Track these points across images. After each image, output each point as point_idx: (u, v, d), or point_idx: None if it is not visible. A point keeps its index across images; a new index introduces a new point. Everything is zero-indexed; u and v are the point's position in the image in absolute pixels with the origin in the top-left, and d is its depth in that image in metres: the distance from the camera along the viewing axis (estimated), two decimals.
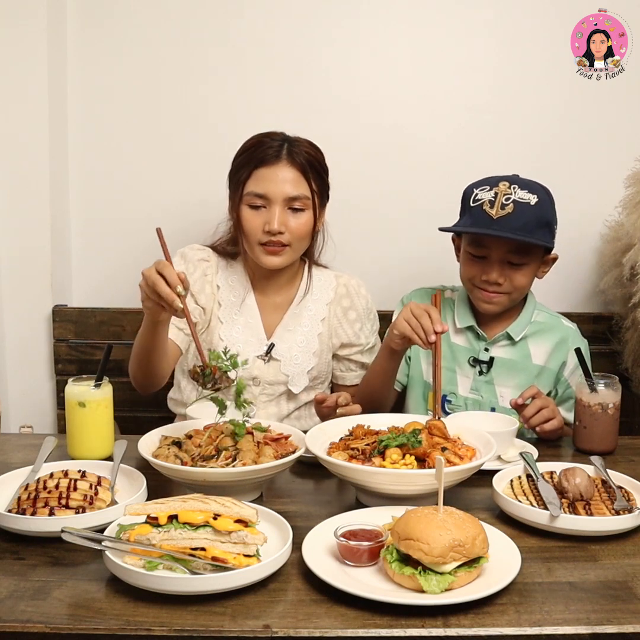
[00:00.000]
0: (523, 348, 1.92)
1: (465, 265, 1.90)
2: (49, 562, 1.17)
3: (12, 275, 2.37)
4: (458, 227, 1.88)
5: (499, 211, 1.76)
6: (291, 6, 2.38)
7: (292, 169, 1.83)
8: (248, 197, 1.83)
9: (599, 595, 1.09)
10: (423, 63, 2.42)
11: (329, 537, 1.17)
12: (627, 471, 1.48)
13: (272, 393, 1.94)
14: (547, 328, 1.94)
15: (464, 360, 1.94)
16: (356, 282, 2.04)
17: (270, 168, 1.82)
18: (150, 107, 2.42)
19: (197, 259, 1.94)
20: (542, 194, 1.82)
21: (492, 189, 1.80)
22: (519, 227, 1.75)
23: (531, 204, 1.78)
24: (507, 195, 1.78)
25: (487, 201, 1.79)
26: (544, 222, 1.80)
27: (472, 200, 1.83)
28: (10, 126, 2.29)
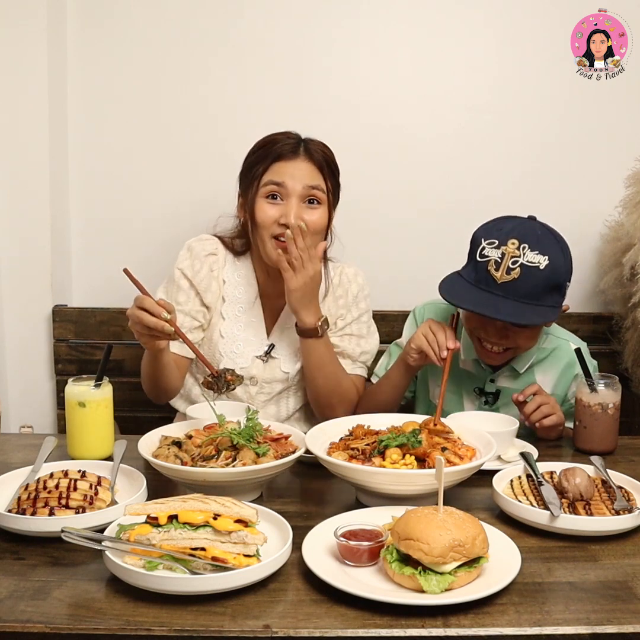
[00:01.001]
0: (529, 377, 1.86)
1: (465, 315, 1.80)
2: (49, 562, 1.17)
3: (12, 275, 2.37)
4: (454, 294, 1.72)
5: (503, 275, 1.65)
6: (291, 6, 2.38)
7: (309, 164, 1.82)
8: (265, 187, 1.80)
9: (599, 595, 1.09)
10: (423, 63, 2.43)
11: (329, 537, 1.17)
12: (627, 471, 1.48)
13: (269, 392, 1.94)
14: (554, 354, 1.87)
15: (469, 388, 1.91)
16: (353, 271, 2.00)
17: (288, 162, 1.80)
18: (150, 107, 2.42)
19: (204, 254, 1.91)
20: (554, 253, 1.68)
21: (500, 247, 1.67)
22: (524, 294, 1.65)
23: (540, 268, 1.65)
24: (515, 258, 1.65)
25: (493, 261, 1.66)
26: (553, 285, 1.68)
27: (478, 254, 1.70)
28: (10, 126, 2.29)
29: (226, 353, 1.90)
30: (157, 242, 2.47)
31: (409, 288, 2.45)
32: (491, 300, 1.65)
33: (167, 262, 2.46)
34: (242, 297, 1.93)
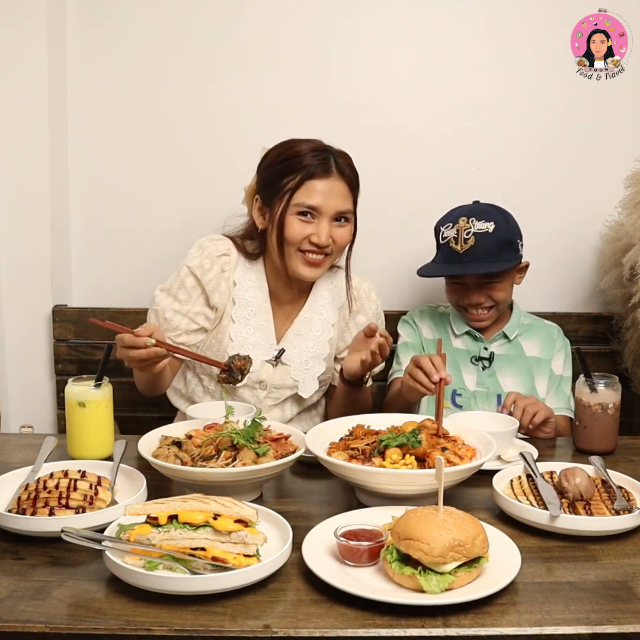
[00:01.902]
0: (516, 345, 2.10)
1: (448, 292, 2.09)
2: (49, 562, 1.17)
3: (12, 275, 2.37)
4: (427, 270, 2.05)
5: (462, 245, 1.96)
6: (291, 6, 2.38)
7: (341, 183, 1.82)
8: (298, 207, 1.79)
9: (599, 595, 1.09)
10: (423, 63, 2.43)
11: (329, 537, 1.17)
12: (627, 471, 1.48)
13: (277, 397, 1.93)
14: (534, 327, 2.14)
15: (466, 361, 2.08)
16: (367, 286, 2.03)
17: (322, 181, 1.79)
18: (150, 108, 2.42)
19: (217, 254, 1.89)
20: (498, 218, 1.98)
21: (453, 226, 1.99)
22: (483, 255, 1.94)
23: (490, 232, 1.95)
24: (467, 229, 1.96)
25: (451, 238, 1.98)
26: (504, 243, 1.97)
27: (440, 238, 2.02)
28: (10, 126, 2.29)
29: None
30: (157, 242, 2.47)
31: (410, 288, 2.46)
32: (459, 267, 1.98)
33: (167, 261, 2.46)
34: (253, 300, 1.90)
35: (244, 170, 2.03)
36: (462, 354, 2.08)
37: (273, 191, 1.82)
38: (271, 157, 1.86)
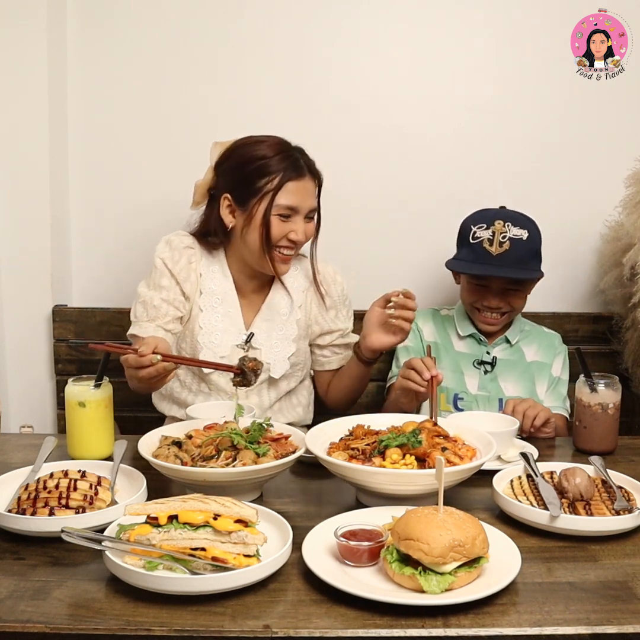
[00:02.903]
0: (517, 350, 2.12)
1: (467, 292, 2.08)
2: (49, 562, 1.17)
3: (12, 275, 2.37)
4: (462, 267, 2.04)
5: (497, 248, 1.97)
6: (291, 6, 2.38)
7: (312, 182, 1.92)
8: (279, 208, 1.86)
9: (599, 596, 1.09)
10: (423, 63, 2.43)
11: (329, 537, 1.17)
12: (627, 471, 1.48)
13: None
14: (534, 334, 2.17)
15: (469, 364, 2.09)
16: (332, 269, 2.07)
17: (299, 181, 1.87)
18: (150, 107, 2.42)
19: (183, 246, 1.97)
20: (531, 227, 2.02)
21: (489, 227, 2.00)
22: (516, 261, 1.97)
23: (524, 239, 1.98)
24: (504, 233, 1.98)
25: (486, 239, 1.99)
26: (535, 252, 2.02)
27: (471, 237, 2.01)
28: (10, 126, 2.29)
29: (205, 343, 1.93)
30: (158, 242, 2.46)
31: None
32: (492, 268, 1.98)
33: None
34: (218, 289, 1.97)
35: None
36: (465, 358, 2.09)
37: (248, 192, 1.88)
38: (238, 156, 1.91)
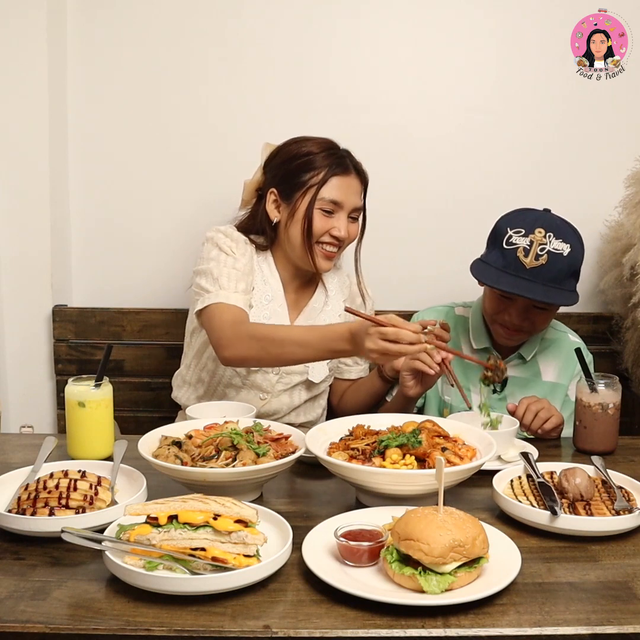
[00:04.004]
0: (533, 366, 1.95)
1: (489, 301, 1.90)
2: (49, 562, 1.17)
3: (12, 276, 2.37)
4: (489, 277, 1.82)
5: (532, 261, 1.76)
6: (291, 6, 2.38)
7: (357, 181, 1.93)
8: (323, 202, 1.87)
9: (599, 596, 1.09)
10: (423, 63, 2.43)
11: (329, 537, 1.17)
12: (627, 471, 1.48)
13: (288, 382, 1.97)
14: (555, 345, 1.97)
15: (477, 379, 1.89)
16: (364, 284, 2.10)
17: (345, 178, 1.90)
18: (150, 108, 2.42)
19: (242, 239, 1.95)
20: (574, 242, 1.81)
21: (527, 235, 1.78)
22: (551, 278, 1.76)
23: (564, 255, 1.77)
24: (542, 245, 1.77)
25: (521, 248, 1.77)
26: (573, 271, 1.82)
27: (505, 242, 1.80)
28: (10, 126, 2.29)
29: None
30: (158, 241, 2.47)
31: (409, 288, 2.46)
32: (522, 283, 1.76)
33: (167, 261, 2.47)
34: (267, 286, 1.96)
35: (245, 172, 2.03)
36: (474, 372, 1.91)
37: (294, 186, 1.89)
38: (285, 153, 1.93)
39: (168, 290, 2.44)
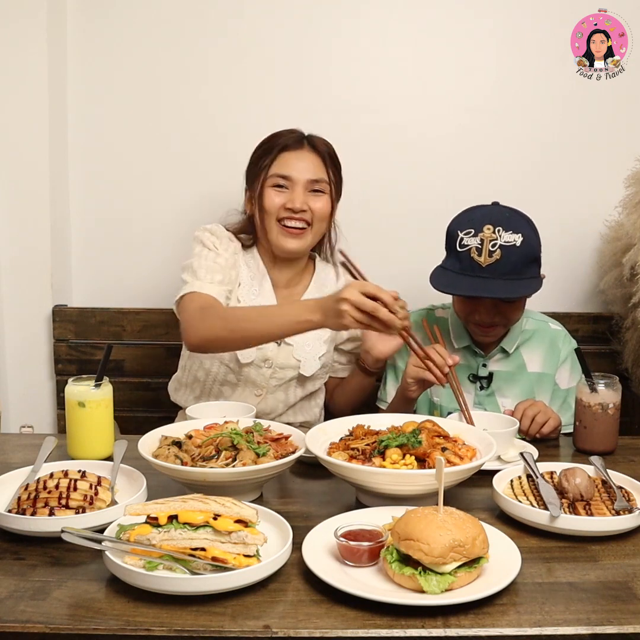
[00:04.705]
0: (517, 358, 1.95)
1: (457, 304, 1.92)
2: (49, 562, 1.17)
3: (12, 276, 2.37)
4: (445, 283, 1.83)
5: (487, 259, 1.76)
6: (291, 6, 2.38)
7: (313, 155, 1.93)
8: (272, 178, 1.89)
9: (599, 596, 1.09)
10: (423, 63, 2.43)
11: (329, 537, 1.17)
12: (627, 471, 1.48)
13: (282, 377, 1.97)
14: (536, 334, 1.98)
15: (463, 378, 1.93)
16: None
17: (294, 152, 1.91)
18: (150, 107, 2.42)
19: (226, 235, 1.97)
20: (526, 231, 1.80)
21: (477, 234, 1.78)
22: (508, 271, 1.76)
23: (517, 245, 1.77)
24: (493, 241, 1.76)
25: (474, 248, 1.77)
26: (531, 258, 1.81)
27: (458, 245, 1.81)
28: (10, 126, 2.29)
29: None
30: (157, 242, 2.47)
31: (408, 287, 2.45)
32: (481, 283, 1.76)
33: (167, 262, 2.47)
34: (254, 282, 1.98)
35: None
36: (460, 370, 1.89)
37: (253, 174, 1.94)
38: (254, 149, 1.98)
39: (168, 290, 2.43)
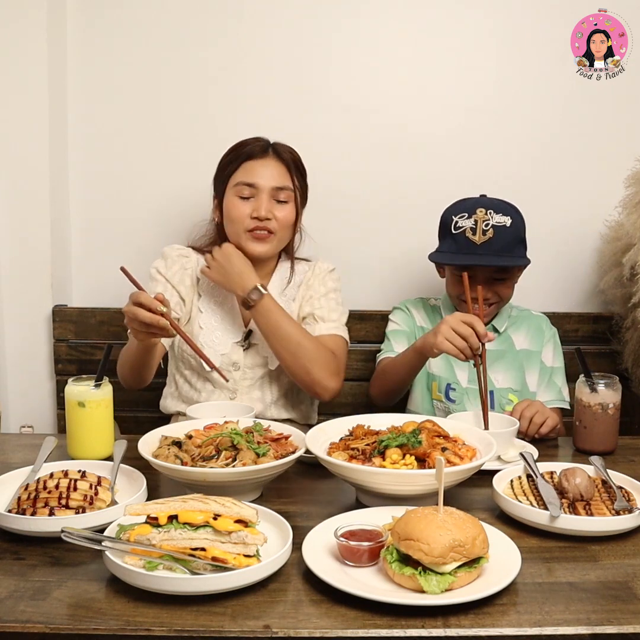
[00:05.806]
0: (506, 338, 2.08)
1: (452, 284, 2.03)
2: (49, 562, 1.17)
3: (12, 276, 2.37)
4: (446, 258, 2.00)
5: (481, 237, 1.93)
6: (291, 6, 2.38)
7: (278, 163, 1.94)
8: (237, 187, 1.92)
9: (599, 596, 1.09)
10: (423, 63, 2.42)
11: (329, 537, 1.17)
12: (627, 471, 1.48)
13: (252, 377, 1.98)
14: (521, 319, 2.13)
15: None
16: (326, 266, 2.08)
17: (258, 161, 1.93)
18: (150, 107, 2.42)
19: (175, 254, 2.02)
20: (514, 214, 1.97)
21: (470, 216, 1.95)
22: (501, 248, 1.93)
23: (507, 226, 1.94)
24: (486, 221, 1.93)
25: (468, 228, 1.94)
26: (519, 239, 1.98)
27: (453, 227, 1.97)
28: (10, 126, 2.29)
29: (206, 342, 1.96)
30: (157, 242, 2.46)
31: (409, 287, 2.46)
32: (476, 257, 1.93)
33: None
34: (216, 291, 2.01)
35: None
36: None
37: (220, 181, 1.97)
38: (221, 158, 2.00)
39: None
